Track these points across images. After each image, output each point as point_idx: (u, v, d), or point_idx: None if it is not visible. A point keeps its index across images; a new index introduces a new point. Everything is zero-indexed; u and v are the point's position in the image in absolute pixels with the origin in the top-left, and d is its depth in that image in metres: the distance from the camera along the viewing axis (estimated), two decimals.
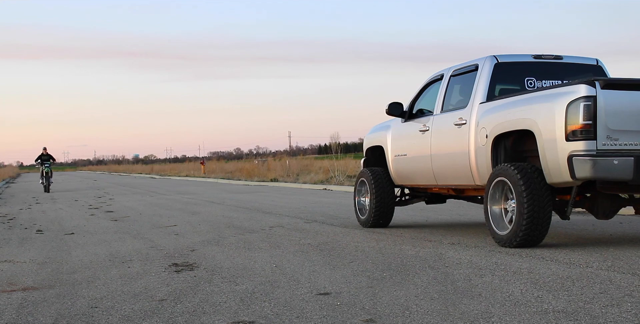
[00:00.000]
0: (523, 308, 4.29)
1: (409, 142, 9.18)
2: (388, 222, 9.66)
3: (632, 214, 10.33)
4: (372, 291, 4.98)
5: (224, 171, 45.92)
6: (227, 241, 8.34)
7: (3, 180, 52.50)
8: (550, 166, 6.69)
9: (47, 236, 9.66)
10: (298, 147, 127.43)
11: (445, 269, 5.81)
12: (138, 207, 15.87)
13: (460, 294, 4.78)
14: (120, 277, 5.94)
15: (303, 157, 59.24)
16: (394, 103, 9.33)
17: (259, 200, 16.97)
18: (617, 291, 4.71)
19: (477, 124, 7.75)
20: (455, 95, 8.68)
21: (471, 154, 7.82)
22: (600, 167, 6.30)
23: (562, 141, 6.52)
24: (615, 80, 6.66)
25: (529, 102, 7.03)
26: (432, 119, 8.73)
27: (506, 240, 7.00)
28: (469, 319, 4.07)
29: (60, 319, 4.39)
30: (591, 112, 6.37)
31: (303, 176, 30.57)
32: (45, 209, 15.89)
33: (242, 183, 31.29)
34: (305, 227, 9.91)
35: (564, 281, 5.12)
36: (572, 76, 8.03)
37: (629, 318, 3.99)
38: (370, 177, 9.66)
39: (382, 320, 4.12)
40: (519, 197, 6.79)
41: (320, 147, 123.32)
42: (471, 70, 8.29)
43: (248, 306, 4.59)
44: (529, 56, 8.22)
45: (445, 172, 8.39)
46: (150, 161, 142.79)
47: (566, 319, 3.99)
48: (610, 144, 6.41)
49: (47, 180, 26.51)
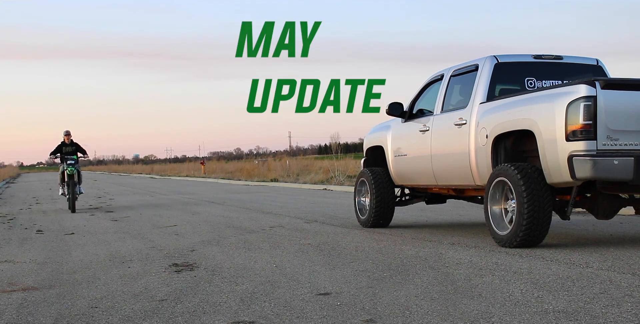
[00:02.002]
0: (523, 308, 4.29)
1: (409, 142, 9.18)
2: (388, 222, 9.66)
3: (632, 214, 10.33)
4: (372, 291, 4.98)
5: (224, 171, 45.93)
6: (227, 241, 8.34)
7: (3, 180, 52.53)
8: (550, 166, 6.69)
9: (47, 236, 9.66)
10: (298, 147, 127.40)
11: (445, 269, 5.81)
12: (138, 207, 15.87)
13: (460, 294, 4.78)
14: (120, 277, 5.94)
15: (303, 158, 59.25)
16: (394, 103, 9.33)
17: (259, 200, 16.97)
18: (617, 291, 4.72)
19: (477, 124, 7.75)
20: (455, 95, 8.68)
21: (471, 154, 7.82)
22: (600, 168, 6.30)
23: (562, 141, 6.52)
24: (616, 80, 6.66)
25: (529, 102, 7.03)
26: (432, 119, 8.73)
27: (506, 240, 7.00)
28: (469, 319, 4.07)
29: (61, 320, 4.39)
30: (591, 112, 6.37)
31: (303, 176, 30.57)
32: (45, 210, 15.89)
33: (242, 183, 31.30)
34: (306, 227, 9.91)
35: (564, 281, 5.12)
36: (572, 76, 8.03)
37: (629, 318, 3.99)
38: (370, 178, 9.66)
39: (382, 320, 4.12)
40: (519, 197, 6.79)
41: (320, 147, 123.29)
42: (471, 70, 8.29)
43: (248, 306, 4.59)
44: (529, 56, 8.22)
45: (446, 173, 8.39)
46: (150, 161, 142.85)
47: (566, 319, 3.99)
48: (610, 144, 6.41)
49: (73, 189, 14.91)
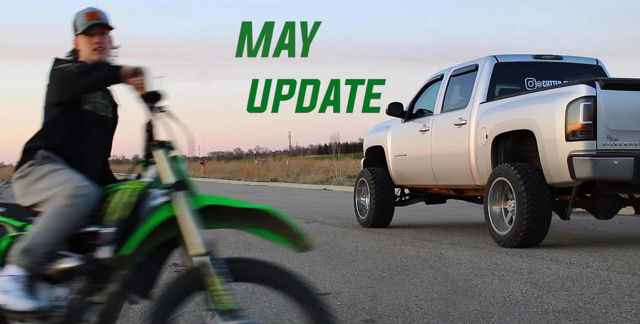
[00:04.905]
0: (523, 308, 4.29)
1: (409, 142, 9.18)
2: (388, 222, 9.66)
3: (632, 214, 10.33)
4: (372, 291, 4.97)
5: (224, 171, 45.96)
6: (227, 241, 8.33)
7: (3, 180, 52.51)
8: (550, 166, 6.69)
9: None
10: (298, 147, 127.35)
11: (445, 269, 5.81)
12: None
13: (460, 294, 4.78)
14: None
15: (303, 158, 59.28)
16: (394, 103, 9.33)
17: (259, 200, 16.96)
18: (617, 291, 4.72)
19: (477, 124, 7.75)
20: (455, 95, 8.69)
21: (471, 154, 7.82)
22: (600, 167, 6.30)
23: (562, 141, 6.52)
24: (615, 80, 6.66)
25: (529, 102, 7.04)
26: (432, 119, 8.73)
27: (506, 240, 7.00)
28: (469, 319, 4.07)
29: None
30: (591, 112, 6.37)
31: (303, 176, 30.57)
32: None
33: (242, 183, 31.30)
34: (305, 227, 9.91)
35: (564, 281, 5.12)
36: (572, 76, 8.03)
37: (629, 318, 3.99)
38: (370, 178, 9.66)
39: (382, 320, 4.12)
40: (519, 197, 6.79)
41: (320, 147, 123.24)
42: (471, 70, 8.29)
43: (248, 306, 4.59)
44: (529, 56, 8.22)
45: (445, 172, 8.39)
46: None
47: (566, 319, 3.99)
48: (610, 144, 6.41)
49: None
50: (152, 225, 2.80)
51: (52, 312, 2.83)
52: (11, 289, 2.80)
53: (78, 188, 2.92)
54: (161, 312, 2.74)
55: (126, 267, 2.85)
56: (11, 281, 2.82)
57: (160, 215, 2.81)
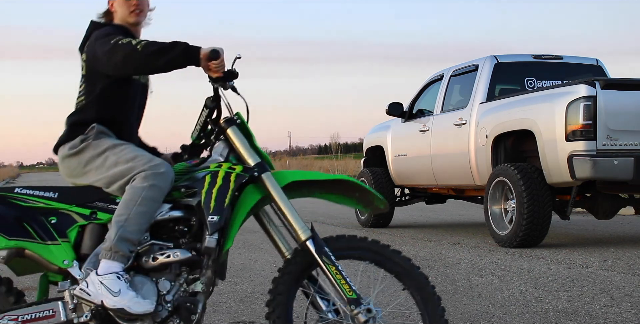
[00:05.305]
0: (523, 308, 4.29)
1: (409, 142, 9.18)
2: (388, 222, 9.66)
3: (632, 214, 10.33)
4: (371, 291, 4.96)
5: None
6: None
7: (3, 180, 52.53)
8: (550, 166, 6.69)
9: None
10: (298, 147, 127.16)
11: (445, 269, 5.81)
12: None
13: (460, 294, 4.78)
14: None
15: (303, 158, 59.26)
16: (394, 103, 9.32)
17: None
18: (617, 291, 4.71)
19: (477, 124, 7.75)
20: (455, 95, 8.68)
21: (471, 154, 7.82)
22: (600, 167, 6.30)
23: (562, 141, 6.52)
24: (615, 80, 6.66)
25: (529, 102, 7.04)
26: (432, 119, 8.73)
27: (506, 240, 6.99)
28: (469, 319, 4.07)
29: None
30: (591, 112, 6.37)
31: None
32: None
33: None
34: None
35: (564, 281, 5.12)
36: (572, 76, 8.03)
37: (629, 318, 3.99)
38: (370, 178, 9.66)
39: (382, 320, 4.11)
40: (519, 197, 6.79)
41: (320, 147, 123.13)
42: (471, 70, 8.29)
43: (248, 306, 4.58)
44: (529, 56, 8.22)
45: (445, 172, 8.39)
46: None
47: (566, 319, 3.99)
48: (610, 144, 6.41)
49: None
50: (246, 212, 2.74)
51: (162, 310, 2.64)
52: (121, 289, 2.58)
53: (154, 166, 2.69)
54: (282, 303, 2.69)
55: (225, 255, 2.83)
56: (116, 279, 2.59)
57: (251, 201, 2.73)
